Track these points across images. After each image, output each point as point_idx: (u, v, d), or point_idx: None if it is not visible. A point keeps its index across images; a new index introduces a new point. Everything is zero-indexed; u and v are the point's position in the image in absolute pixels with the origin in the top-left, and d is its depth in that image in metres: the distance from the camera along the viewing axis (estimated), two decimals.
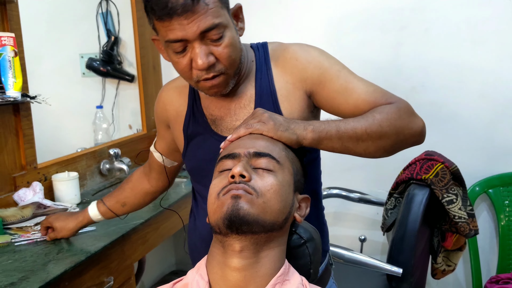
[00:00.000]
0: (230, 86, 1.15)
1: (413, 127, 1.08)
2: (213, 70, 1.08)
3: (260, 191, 0.91)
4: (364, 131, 1.04)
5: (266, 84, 1.19)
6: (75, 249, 1.60)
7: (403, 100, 1.12)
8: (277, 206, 0.93)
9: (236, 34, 1.11)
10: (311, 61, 1.17)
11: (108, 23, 2.70)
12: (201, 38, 1.04)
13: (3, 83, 1.72)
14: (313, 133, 1.04)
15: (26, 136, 1.94)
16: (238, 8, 1.14)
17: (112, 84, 2.78)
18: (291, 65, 1.18)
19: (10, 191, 1.89)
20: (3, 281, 1.39)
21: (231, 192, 0.90)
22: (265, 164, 0.95)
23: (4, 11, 1.84)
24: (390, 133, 1.06)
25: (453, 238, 2.00)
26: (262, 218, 0.90)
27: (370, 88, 1.13)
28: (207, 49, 1.05)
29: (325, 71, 1.16)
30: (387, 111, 1.07)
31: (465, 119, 2.40)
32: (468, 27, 2.34)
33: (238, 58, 1.12)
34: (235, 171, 0.92)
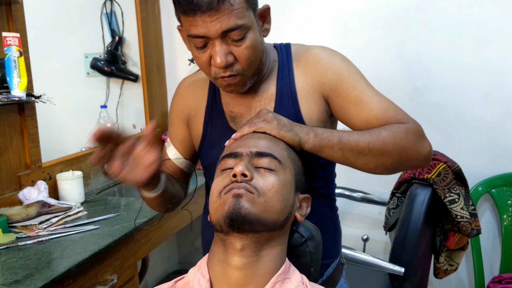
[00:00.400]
0: (247, 86, 1.15)
1: (418, 150, 1.08)
2: (231, 69, 1.09)
3: (261, 190, 0.91)
4: (366, 146, 1.05)
5: (287, 84, 1.19)
6: (79, 248, 1.61)
7: (415, 121, 1.11)
8: (278, 205, 0.93)
9: (259, 35, 1.11)
10: (331, 65, 1.17)
11: (112, 23, 2.71)
12: (223, 37, 1.04)
13: (8, 82, 1.74)
14: (315, 138, 1.05)
15: (31, 135, 1.96)
16: (266, 9, 1.14)
17: (116, 83, 2.79)
18: (312, 68, 1.19)
19: (15, 189, 1.90)
20: (8, 278, 1.41)
21: (233, 191, 0.91)
22: (267, 164, 0.96)
23: (9, 12, 1.86)
24: (393, 152, 1.06)
25: (456, 237, 2.01)
26: (264, 217, 0.90)
27: (384, 105, 1.13)
28: (227, 48, 1.06)
29: (342, 79, 1.16)
30: (394, 129, 1.07)
31: (468, 119, 2.40)
32: (472, 27, 2.34)
33: (258, 60, 1.12)
34: (237, 170, 0.92)
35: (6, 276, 1.42)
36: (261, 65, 1.15)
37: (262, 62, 1.15)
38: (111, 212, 1.93)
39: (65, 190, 2.05)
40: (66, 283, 1.50)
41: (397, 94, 2.45)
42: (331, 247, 1.29)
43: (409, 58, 2.44)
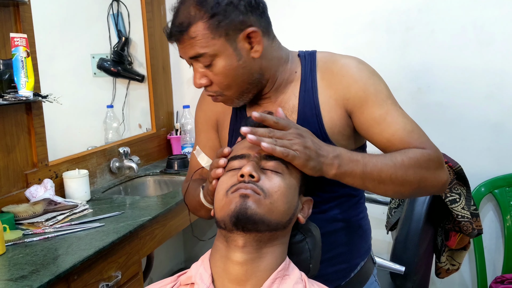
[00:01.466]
0: (238, 103, 1.19)
1: (436, 179, 1.10)
2: (210, 90, 1.15)
3: (267, 192, 0.94)
4: (388, 176, 1.05)
5: (310, 96, 1.18)
6: (84, 244, 1.64)
7: (436, 148, 1.12)
8: (283, 207, 0.95)
9: (237, 61, 1.11)
10: (357, 80, 1.15)
11: (119, 24, 2.75)
12: (195, 61, 1.11)
13: (16, 82, 1.77)
14: (337, 170, 1.03)
15: (38, 134, 1.99)
16: (251, 32, 1.11)
17: (123, 84, 2.83)
18: (336, 80, 1.17)
19: (22, 187, 1.94)
20: (14, 274, 1.44)
21: (240, 191, 0.93)
22: (274, 167, 0.98)
23: (17, 12, 1.89)
24: (413, 182, 1.07)
25: (457, 237, 2.02)
26: (268, 218, 0.92)
27: (408, 127, 1.13)
28: (202, 72, 1.12)
29: (368, 96, 1.14)
30: (417, 157, 1.07)
31: (471, 120, 2.41)
32: (475, 28, 2.36)
33: (236, 84, 1.13)
34: (245, 171, 0.94)
35: (12, 272, 1.45)
36: (251, 85, 1.15)
37: (253, 82, 1.15)
38: (116, 210, 1.96)
39: (71, 188, 2.09)
40: (71, 279, 1.53)
41: (400, 94, 2.44)
42: (360, 248, 1.30)
43: (412, 59, 2.46)
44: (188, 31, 1.08)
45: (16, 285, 1.36)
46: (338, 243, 1.24)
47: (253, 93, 1.19)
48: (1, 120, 1.85)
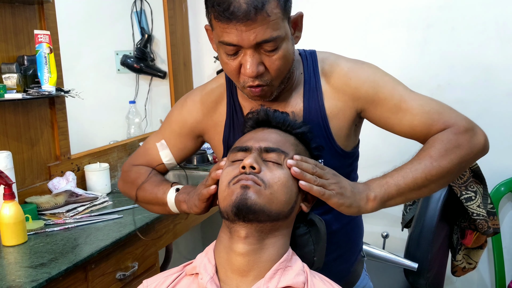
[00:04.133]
0: (273, 95, 1.13)
1: (475, 148, 1.06)
2: (260, 79, 1.06)
3: (268, 183, 0.95)
4: (424, 179, 1.03)
5: (315, 99, 1.16)
6: (102, 235, 1.70)
7: (460, 116, 1.09)
8: (283, 197, 0.97)
9: (292, 45, 1.09)
10: (365, 80, 1.14)
11: (142, 22, 2.81)
12: (255, 47, 1.02)
13: (39, 78, 1.84)
14: (374, 202, 1.02)
15: (61, 128, 2.06)
16: (299, 16, 1.11)
17: (145, 80, 2.89)
18: (343, 84, 1.15)
19: (45, 179, 2.01)
20: (34, 261, 1.50)
21: (241, 182, 0.95)
22: (275, 158, 0.99)
23: (41, 10, 1.96)
24: (452, 167, 1.04)
25: (473, 236, 2.01)
26: (268, 208, 0.94)
27: (426, 108, 1.10)
28: (259, 58, 1.03)
29: (379, 90, 1.13)
30: (444, 142, 1.04)
31: (492, 118, 2.38)
32: (496, 25, 2.33)
33: (287, 70, 1.10)
34: (246, 163, 0.96)
35: (33, 259, 1.52)
36: (289, 74, 1.13)
37: (291, 71, 1.13)
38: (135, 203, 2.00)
39: (92, 181, 2.15)
40: (89, 268, 1.59)
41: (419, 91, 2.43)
42: (357, 243, 1.32)
43: (432, 56, 2.44)
44: (264, 8, 0.98)
45: (35, 272, 1.42)
46: (341, 243, 1.25)
47: (283, 86, 1.14)
48: (26, 114, 1.92)
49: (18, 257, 1.55)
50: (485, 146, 1.09)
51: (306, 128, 1.09)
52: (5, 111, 1.83)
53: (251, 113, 1.10)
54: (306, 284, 0.95)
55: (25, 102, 1.90)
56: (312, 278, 0.98)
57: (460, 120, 1.08)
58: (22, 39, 1.91)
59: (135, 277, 1.80)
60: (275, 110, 1.08)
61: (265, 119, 1.08)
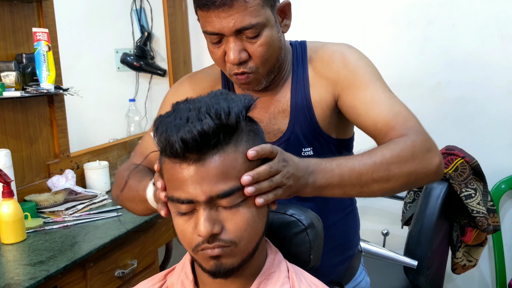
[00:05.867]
0: (262, 84, 1.13)
1: (427, 166, 0.99)
2: (245, 67, 1.07)
3: (235, 238, 0.81)
4: (370, 177, 0.95)
5: (301, 89, 1.16)
6: (100, 233, 1.70)
7: (423, 132, 1.03)
8: (256, 237, 0.85)
9: (277, 32, 1.08)
10: (346, 64, 1.12)
11: (141, 20, 2.80)
12: (237, 34, 1.03)
13: (38, 75, 1.84)
14: (312, 188, 0.93)
15: (60, 126, 2.06)
16: (286, 4, 1.11)
17: (145, 78, 2.88)
18: (326, 68, 1.15)
19: (44, 177, 2.01)
20: (33, 259, 1.50)
21: (208, 252, 0.81)
22: (232, 201, 0.80)
23: (40, 8, 1.96)
24: (400, 176, 0.97)
25: (473, 233, 2.00)
26: (246, 257, 0.85)
27: (395, 109, 1.06)
28: (241, 45, 1.04)
29: (356, 77, 1.11)
30: (400, 148, 0.98)
31: (492, 115, 2.38)
32: (497, 22, 2.32)
33: (274, 57, 1.09)
34: (202, 234, 0.78)
35: (31, 257, 1.52)
36: (278, 62, 1.12)
37: (280, 60, 1.12)
38: None
39: (92, 179, 2.15)
40: (87, 266, 1.59)
41: (419, 89, 2.45)
42: (352, 238, 1.32)
43: (432, 54, 2.43)
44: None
45: (34, 270, 1.42)
46: (336, 235, 1.25)
47: (273, 76, 1.14)
48: (25, 112, 1.92)
49: (17, 255, 1.55)
50: (438, 169, 1.01)
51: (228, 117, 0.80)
52: (4, 109, 1.83)
53: (162, 142, 0.81)
54: None
55: (24, 100, 1.90)
56: (299, 284, 0.90)
57: (422, 135, 1.02)
58: (21, 37, 1.91)
59: (134, 275, 1.80)
60: (188, 130, 0.77)
61: (185, 149, 0.78)
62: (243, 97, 0.85)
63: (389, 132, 1.04)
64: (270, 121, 1.19)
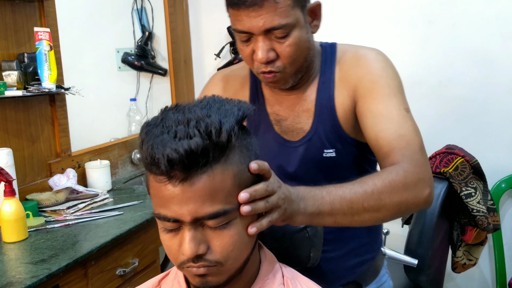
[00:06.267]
0: (289, 83, 1.15)
1: (417, 197, 0.99)
2: (272, 66, 1.08)
3: (222, 259, 0.79)
4: (361, 206, 0.94)
5: (326, 90, 1.17)
6: (102, 232, 1.70)
7: (419, 160, 1.02)
8: (243, 255, 0.83)
9: (306, 33, 1.09)
10: (371, 71, 1.12)
11: (142, 19, 2.81)
12: (266, 33, 1.05)
13: (39, 75, 1.84)
14: (304, 216, 0.91)
15: (61, 125, 2.07)
16: (317, 5, 1.13)
17: (146, 77, 2.89)
18: (352, 71, 1.15)
19: (45, 176, 2.01)
20: (35, 257, 1.51)
21: (193, 271, 0.79)
22: (218, 222, 0.77)
23: (41, 8, 1.97)
24: (390, 205, 0.96)
25: (473, 232, 2.00)
26: (233, 274, 0.83)
27: (401, 130, 1.05)
28: (269, 44, 1.06)
29: (375, 87, 1.11)
30: (392, 178, 0.97)
31: (493, 115, 2.38)
32: (498, 21, 2.32)
33: (301, 57, 1.11)
34: (187, 254, 0.76)
35: (33, 256, 1.52)
36: (306, 62, 1.14)
37: (308, 60, 1.14)
38: (135, 200, 2.01)
39: (93, 178, 2.15)
40: (89, 264, 1.59)
41: (420, 88, 2.46)
42: (372, 241, 1.31)
43: (433, 53, 2.44)
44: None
45: (35, 268, 1.43)
46: (354, 236, 1.25)
47: (301, 75, 1.16)
48: (26, 111, 1.92)
49: (19, 253, 1.56)
50: (428, 199, 1.01)
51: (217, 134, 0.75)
52: (6, 108, 1.84)
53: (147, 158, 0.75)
54: None
55: (26, 99, 1.91)
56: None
57: (419, 164, 1.01)
58: (23, 36, 1.91)
59: (135, 274, 1.81)
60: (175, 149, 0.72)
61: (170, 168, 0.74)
62: (238, 107, 0.81)
63: (388, 153, 1.05)
64: (294, 119, 1.20)
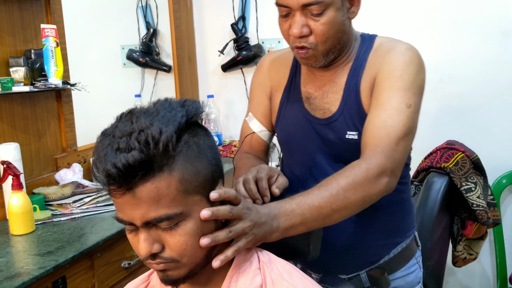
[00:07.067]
0: (320, 62, 1.20)
1: (377, 187, 1.07)
2: (305, 41, 1.15)
3: (177, 257, 0.82)
4: (329, 209, 1.01)
5: (355, 76, 1.22)
6: (107, 225, 1.73)
7: (387, 151, 1.09)
8: (201, 251, 0.85)
9: (341, 16, 1.15)
10: (392, 62, 1.17)
11: (147, 16, 2.84)
12: (303, 9, 1.12)
13: (46, 71, 1.87)
14: (277, 233, 0.96)
15: (67, 121, 2.10)
16: None
17: (151, 74, 2.92)
18: (378, 60, 1.20)
19: (52, 171, 2.05)
20: (42, 249, 1.54)
21: (153, 266, 0.84)
22: (168, 224, 0.80)
23: (48, 5, 2.00)
24: (356, 201, 1.05)
25: (474, 226, 2.03)
26: (194, 269, 0.85)
27: (388, 122, 1.11)
28: (305, 20, 1.13)
29: (390, 78, 1.15)
30: (354, 173, 1.05)
31: (493, 111, 2.40)
32: (499, 19, 2.34)
33: (334, 38, 1.16)
34: (142, 253, 0.81)
35: (40, 248, 1.56)
36: (339, 45, 1.19)
37: (341, 42, 1.19)
38: None
39: None
40: (95, 256, 1.63)
41: None
42: (402, 227, 1.34)
43: (433, 50, 2.45)
44: None
45: (43, 260, 1.47)
46: (379, 219, 1.28)
47: (334, 57, 1.21)
48: (33, 106, 1.96)
49: (26, 245, 1.60)
50: (385, 188, 1.09)
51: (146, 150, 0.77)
52: (13, 104, 1.87)
53: (93, 170, 0.82)
54: (264, 284, 0.88)
55: (32, 94, 1.94)
56: (270, 274, 0.90)
57: (388, 156, 1.08)
58: (29, 33, 1.95)
59: (140, 266, 1.84)
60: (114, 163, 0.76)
61: (112, 181, 0.78)
62: (182, 113, 0.82)
63: (366, 142, 1.12)
64: (323, 99, 1.26)
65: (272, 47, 2.71)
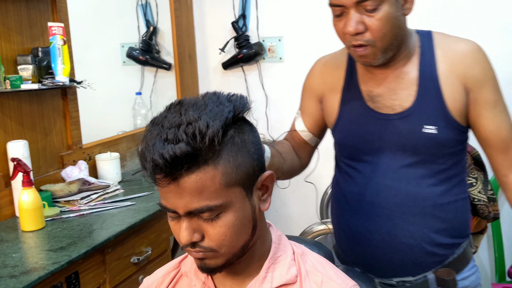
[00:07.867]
0: (379, 59, 1.19)
1: None
2: (361, 39, 1.14)
3: (216, 247, 0.85)
4: None
5: (429, 69, 1.23)
6: (117, 221, 1.75)
7: None
8: (240, 242, 0.87)
9: (396, 11, 1.14)
10: (480, 62, 1.22)
11: (147, 14, 2.85)
12: (357, 6, 1.11)
13: (53, 69, 1.88)
14: None
15: (73, 118, 2.11)
16: None
17: (151, 72, 2.93)
18: (458, 58, 1.22)
19: (58, 168, 2.06)
20: (54, 245, 1.56)
21: (192, 254, 0.87)
22: (209, 215, 0.83)
23: (54, 3, 2.01)
24: None
25: (474, 221, 2.07)
26: (231, 258, 0.88)
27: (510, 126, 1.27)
28: (359, 17, 1.12)
29: (488, 80, 1.23)
30: None
31: None
32: (497, 16, 2.38)
33: (391, 34, 1.15)
34: (183, 241, 0.84)
35: (52, 243, 1.58)
36: (397, 41, 1.18)
37: (398, 38, 1.18)
38: (146, 191, 2.06)
39: (104, 170, 2.20)
40: (106, 252, 1.65)
41: None
42: (463, 227, 1.34)
43: None
44: None
45: (56, 255, 1.48)
46: (445, 217, 1.29)
47: (392, 54, 1.21)
48: (40, 104, 1.97)
49: (38, 241, 1.61)
50: None
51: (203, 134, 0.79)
52: (21, 102, 1.88)
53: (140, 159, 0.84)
54: (299, 275, 0.91)
55: (39, 92, 1.95)
56: (305, 265, 0.93)
57: None
58: (36, 31, 1.96)
59: (148, 262, 1.86)
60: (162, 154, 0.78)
61: (159, 171, 0.80)
62: (229, 108, 0.83)
63: (507, 148, 1.27)
64: (391, 96, 1.26)
65: (273, 45, 2.72)
